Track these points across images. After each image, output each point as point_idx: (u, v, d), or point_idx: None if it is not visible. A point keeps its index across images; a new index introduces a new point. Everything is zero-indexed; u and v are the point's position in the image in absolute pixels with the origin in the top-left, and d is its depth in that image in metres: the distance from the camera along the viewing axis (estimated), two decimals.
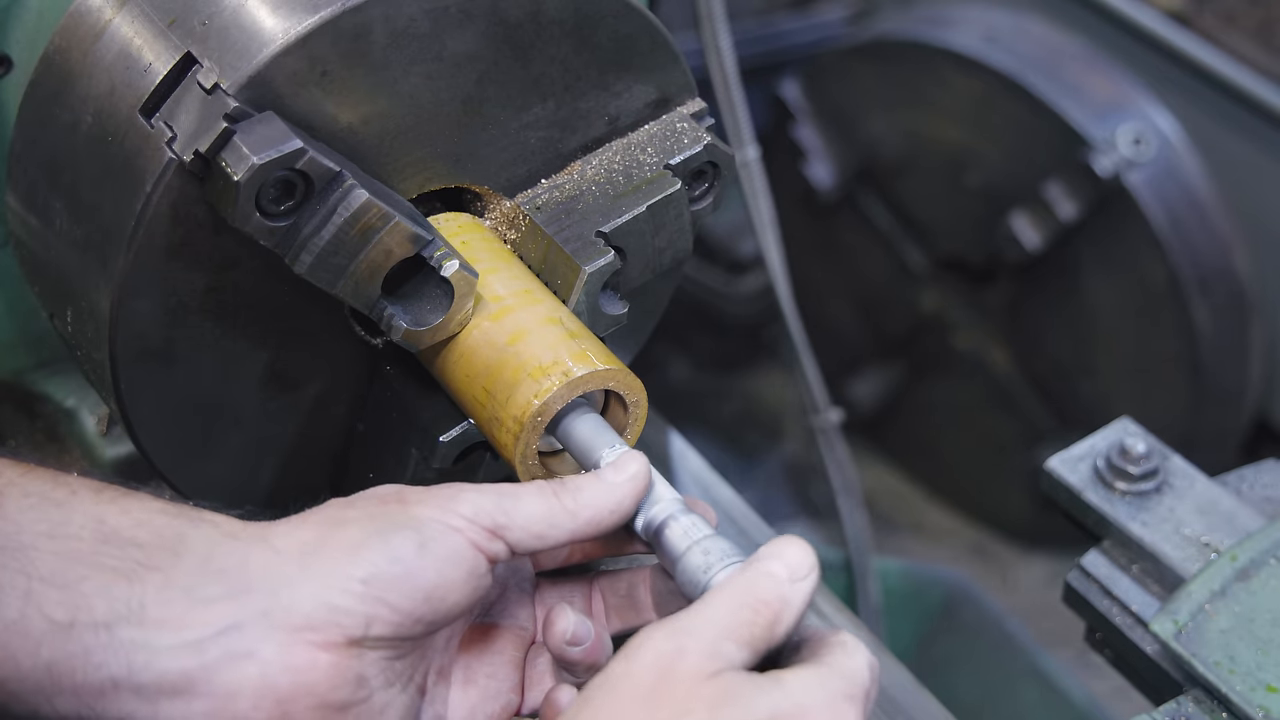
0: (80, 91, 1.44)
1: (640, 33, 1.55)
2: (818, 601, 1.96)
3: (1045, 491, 1.90)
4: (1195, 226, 3.26)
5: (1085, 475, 1.84)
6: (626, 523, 1.35)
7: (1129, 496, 1.81)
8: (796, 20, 4.06)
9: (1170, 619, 1.65)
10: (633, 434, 1.48)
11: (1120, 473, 1.82)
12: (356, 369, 1.58)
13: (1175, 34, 3.27)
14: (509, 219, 1.57)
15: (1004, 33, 3.45)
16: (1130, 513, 1.80)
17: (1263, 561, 1.69)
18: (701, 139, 1.58)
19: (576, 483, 1.33)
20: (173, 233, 1.38)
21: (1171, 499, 1.81)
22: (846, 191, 3.80)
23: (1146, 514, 1.80)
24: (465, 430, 1.50)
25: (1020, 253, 3.42)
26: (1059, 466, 1.85)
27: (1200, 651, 1.61)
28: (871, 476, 3.95)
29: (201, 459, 1.55)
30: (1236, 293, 3.32)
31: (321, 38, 1.37)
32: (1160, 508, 1.80)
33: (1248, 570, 1.68)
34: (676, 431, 2.21)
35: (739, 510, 2.10)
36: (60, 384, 2.05)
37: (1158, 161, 3.26)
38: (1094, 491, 1.82)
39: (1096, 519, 1.82)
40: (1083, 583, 1.82)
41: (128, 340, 1.43)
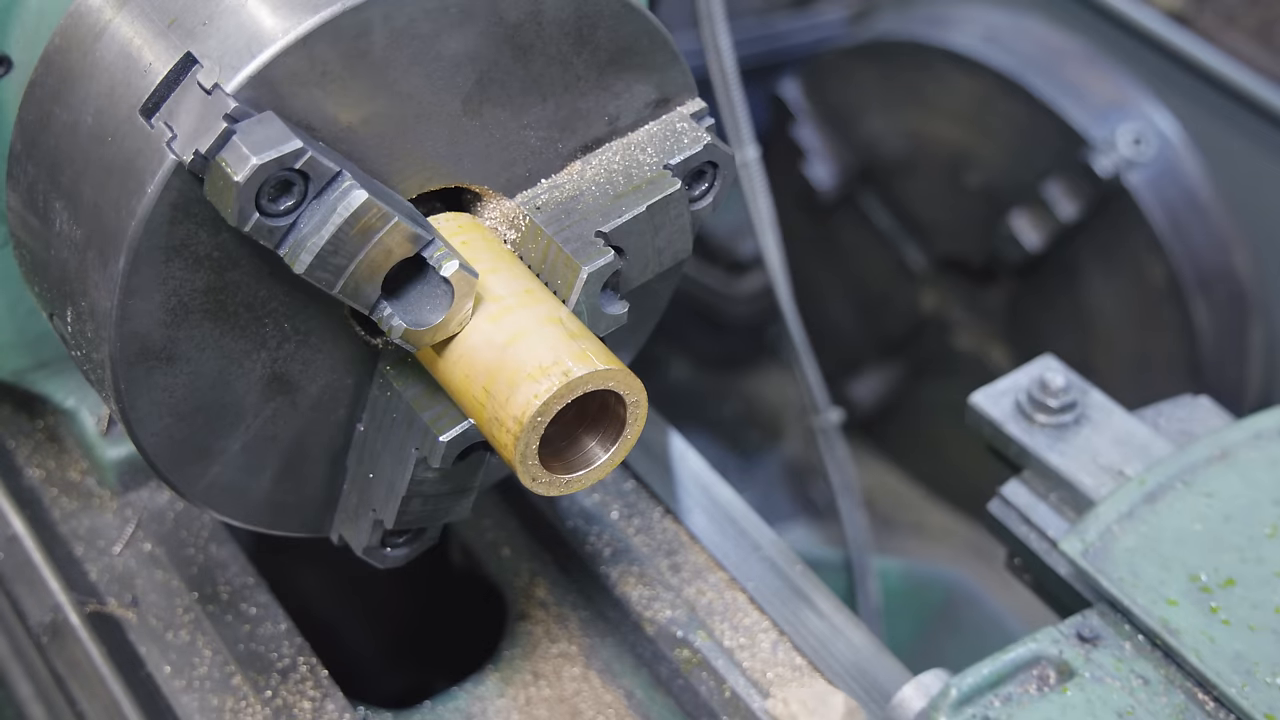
0: (80, 91, 1.44)
1: (640, 33, 1.55)
2: (818, 601, 1.96)
3: (969, 425, 1.96)
4: (1195, 226, 3.26)
5: (1007, 409, 1.91)
6: None
7: (1048, 428, 1.89)
8: (796, 20, 4.05)
9: (1079, 538, 1.72)
10: (633, 434, 1.48)
11: (1040, 406, 1.89)
12: (356, 369, 1.58)
13: (1175, 34, 3.27)
14: (509, 219, 1.57)
15: (1004, 33, 3.45)
16: (1049, 443, 1.88)
17: (1170, 486, 1.76)
18: (701, 139, 1.58)
19: None
20: (173, 233, 1.38)
21: (1089, 431, 1.89)
22: (846, 191, 3.80)
23: (1064, 444, 1.88)
24: (465, 430, 1.50)
25: (1020, 253, 3.42)
26: (982, 401, 1.93)
27: (1106, 568, 1.68)
28: (871, 476, 3.95)
29: (201, 459, 1.55)
30: (1236, 293, 3.32)
31: (322, 38, 1.37)
32: (1078, 439, 1.88)
33: (1155, 494, 1.75)
34: (676, 431, 2.21)
35: (739, 510, 2.10)
36: (60, 384, 2.06)
37: (1158, 161, 3.26)
38: (1015, 424, 1.90)
39: (1017, 450, 1.89)
40: (1003, 511, 1.89)
41: (128, 340, 1.43)
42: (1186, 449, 1.82)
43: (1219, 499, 1.76)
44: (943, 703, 1.63)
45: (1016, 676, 1.65)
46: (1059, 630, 1.68)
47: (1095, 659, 1.65)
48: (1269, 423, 1.85)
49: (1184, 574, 1.68)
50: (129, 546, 1.99)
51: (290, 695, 1.84)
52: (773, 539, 2.07)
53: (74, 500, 2.04)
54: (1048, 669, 1.66)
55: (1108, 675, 1.64)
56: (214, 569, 1.97)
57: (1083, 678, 1.63)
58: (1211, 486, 1.77)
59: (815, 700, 1.35)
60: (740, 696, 1.83)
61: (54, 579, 1.91)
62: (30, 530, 1.97)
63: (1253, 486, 1.77)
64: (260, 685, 1.84)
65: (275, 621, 1.91)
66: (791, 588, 1.98)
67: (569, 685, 1.92)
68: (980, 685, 1.64)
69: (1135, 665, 1.64)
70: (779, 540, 2.07)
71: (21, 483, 2.06)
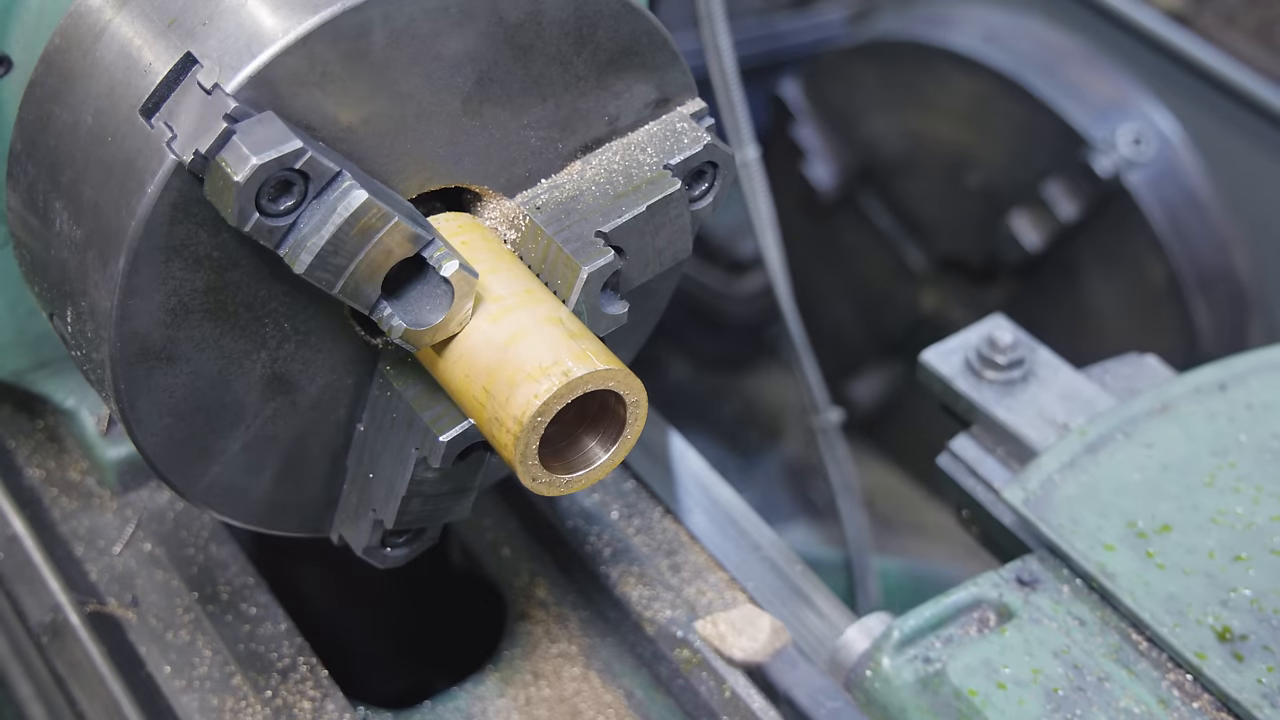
0: (80, 91, 1.44)
1: (640, 33, 1.55)
2: (818, 601, 1.96)
3: (920, 382, 2.01)
4: (1195, 226, 3.26)
5: (957, 365, 1.97)
6: None
7: (996, 384, 1.95)
8: (796, 20, 4.05)
9: (1021, 487, 1.77)
10: (633, 434, 1.48)
11: (989, 362, 1.95)
12: (356, 369, 1.58)
13: (1175, 34, 3.27)
14: (509, 219, 1.57)
15: (1003, 32, 3.45)
16: (996, 398, 1.93)
17: (1110, 437, 1.82)
18: (701, 139, 1.58)
19: None
20: (173, 233, 1.38)
21: (1036, 387, 1.95)
22: (846, 191, 3.80)
23: (1012, 400, 1.93)
24: (465, 430, 1.50)
25: (1020, 253, 3.42)
26: (933, 359, 1.99)
27: (1046, 515, 1.74)
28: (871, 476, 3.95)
29: (201, 459, 1.55)
30: (1236, 292, 3.32)
31: (322, 38, 1.37)
32: (1025, 394, 1.94)
33: (1096, 445, 1.81)
34: (676, 431, 2.21)
35: (739, 510, 2.10)
36: (60, 384, 2.06)
37: (1158, 161, 3.26)
38: (964, 380, 1.96)
39: (966, 406, 1.95)
40: (951, 465, 1.95)
41: (128, 340, 1.43)
42: (1128, 402, 1.87)
43: (1158, 449, 1.81)
44: (885, 643, 1.68)
45: (957, 619, 1.70)
46: (999, 575, 1.73)
47: (1034, 602, 1.70)
48: (1209, 377, 1.90)
49: (1122, 521, 1.73)
50: (129, 546, 1.99)
51: (290, 695, 1.84)
52: (773, 539, 2.07)
53: (74, 500, 2.04)
54: (988, 611, 1.71)
55: (1045, 617, 1.68)
56: (214, 569, 1.97)
57: (1021, 619, 1.68)
58: (1151, 438, 1.82)
59: (743, 621, 1.37)
60: (740, 696, 1.83)
61: (54, 579, 1.91)
62: (30, 530, 1.97)
63: (1191, 438, 1.82)
64: (260, 685, 1.84)
65: (275, 621, 1.91)
66: (791, 588, 1.98)
67: (569, 685, 1.92)
68: (922, 627, 1.69)
69: (1072, 608, 1.69)
70: (779, 540, 2.07)
71: (21, 483, 2.06)
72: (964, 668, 1.63)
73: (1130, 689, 1.62)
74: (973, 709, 1.59)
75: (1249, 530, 1.72)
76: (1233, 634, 1.62)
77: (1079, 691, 1.61)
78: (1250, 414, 1.85)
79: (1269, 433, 1.83)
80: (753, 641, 1.34)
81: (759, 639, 1.34)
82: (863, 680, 1.68)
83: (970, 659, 1.64)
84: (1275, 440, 1.82)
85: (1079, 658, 1.64)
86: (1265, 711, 1.56)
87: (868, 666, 1.68)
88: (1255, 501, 1.75)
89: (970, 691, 1.60)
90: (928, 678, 1.65)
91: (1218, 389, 1.88)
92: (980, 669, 1.63)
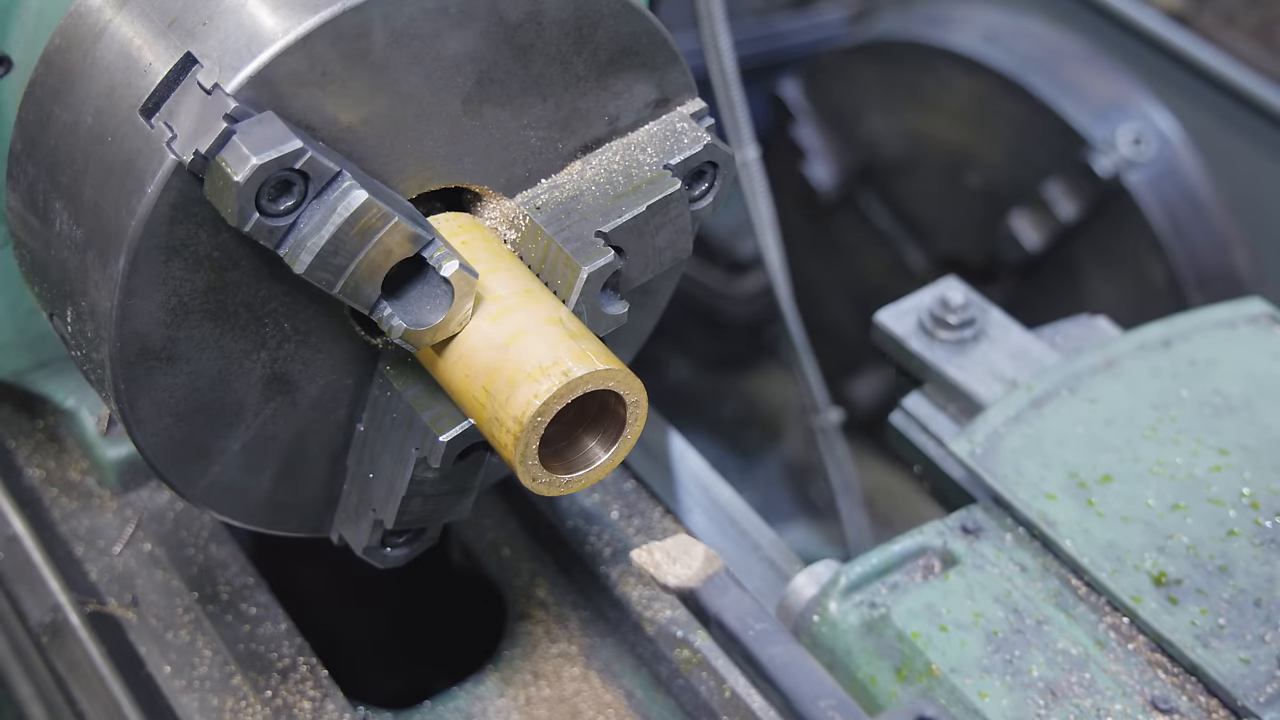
0: (80, 91, 1.44)
1: (640, 33, 1.55)
2: None
3: (875, 342, 2.06)
4: (1195, 226, 3.26)
5: (910, 325, 2.03)
6: None
7: (948, 344, 2.00)
8: (796, 20, 4.05)
9: (967, 440, 1.83)
10: (633, 434, 1.48)
11: (941, 322, 2.00)
12: (356, 369, 1.58)
13: (1175, 34, 3.27)
14: (509, 219, 1.56)
15: (1004, 32, 3.45)
16: (948, 357, 1.98)
17: (1055, 392, 1.87)
18: (701, 139, 1.58)
19: None
20: (173, 233, 1.38)
21: (987, 346, 2.00)
22: (846, 191, 3.80)
23: (963, 358, 1.98)
24: (465, 430, 1.50)
25: (1020, 253, 3.42)
26: (887, 319, 2.04)
27: (991, 466, 1.79)
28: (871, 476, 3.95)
29: (201, 459, 1.55)
30: (1236, 292, 3.31)
31: (322, 38, 1.37)
32: (976, 353, 1.99)
33: (1041, 400, 1.86)
34: (676, 431, 2.21)
35: (739, 510, 2.10)
36: (60, 384, 2.06)
37: (1158, 161, 3.26)
38: (917, 339, 2.01)
39: (919, 365, 2.00)
40: (904, 422, 2.00)
41: (128, 340, 1.43)
42: (1073, 358, 1.92)
43: (1102, 404, 1.86)
44: (833, 589, 1.72)
45: (903, 566, 1.75)
46: (944, 524, 1.78)
47: (977, 549, 1.74)
48: (1153, 334, 1.95)
49: (1064, 472, 1.78)
50: (129, 546, 1.99)
51: (290, 695, 1.84)
52: (773, 539, 2.07)
53: (74, 500, 2.04)
54: (933, 559, 1.76)
55: (988, 564, 1.73)
56: (214, 569, 1.97)
57: (964, 566, 1.72)
58: (1095, 393, 1.87)
59: (677, 549, 1.40)
60: (740, 696, 1.83)
61: (54, 579, 1.91)
62: (30, 530, 1.97)
63: (1134, 393, 1.87)
64: (260, 685, 1.84)
65: (275, 621, 1.91)
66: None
67: (569, 685, 1.92)
68: (869, 574, 1.74)
69: (1014, 554, 1.74)
70: (779, 540, 2.07)
71: (21, 483, 2.06)
72: (907, 611, 1.68)
73: (1068, 631, 1.66)
74: (915, 650, 1.64)
75: (1188, 481, 1.77)
76: (1168, 578, 1.67)
77: (1018, 634, 1.65)
78: (1192, 370, 1.90)
79: (1210, 388, 1.87)
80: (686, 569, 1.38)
81: (693, 566, 1.38)
82: (810, 625, 1.73)
83: (914, 603, 1.69)
84: (1216, 395, 1.86)
85: (1019, 602, 1.68)
86: (1198, 652, 1.61)
87: (815, 611, 1.73)
88: (1194, 453, 1.80)
89: (913, 634, 1.65)
90: (873, 621, 1.70)
91: (1161, 346, 1.93)
92: (923, 612, 1.68)
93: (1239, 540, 1.70)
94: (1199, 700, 1.60)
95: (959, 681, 1.61)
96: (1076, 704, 1.59)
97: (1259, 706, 1.55)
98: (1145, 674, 1.62)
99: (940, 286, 2.03)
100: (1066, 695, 1.60)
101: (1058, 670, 1.62)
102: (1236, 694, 1.57)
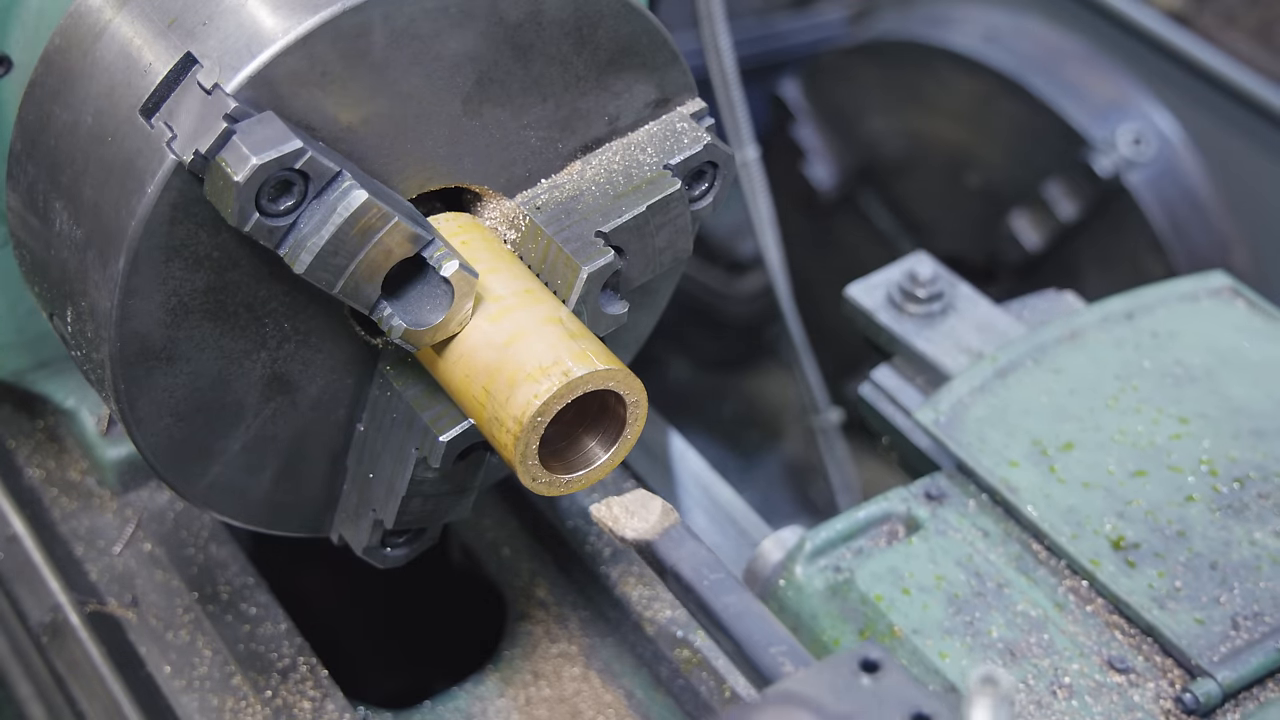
0: (80, 91, 1.44)
1: (640, 33, 1.55)
2: None
3: (845, 316, 2.10)
4: (1195, 226, 3.26)
5: (879, 299, 2.07)
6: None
7: (917, 317, 2.04)
8: (796, 20, 4.05)
9: (932, 409, 1.86)
10: (633, 434, 1.48)
11: (910, 296, 2.04)
12: (356, 369, 1.58)
13: (1175, 34, 3.27)
14: (509, 219, 1.56)
15: (1004, 32, 3.45)
16: (916, 330, 2.02)
17: (1020, 363, 1.90)
18: (701, 139, 1.58)
19: None
20: (173, 233, 1.38)
21: (955, 319, 2.04)
22: (846, 191, 3.80)
23: (931, 331, 2.02)
24: (465, 430, 1.50)
25: (1020, 253, 3.42)
26: (857, 293, 2.08)
27: (955, 434, 1.82)
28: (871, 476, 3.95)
29: (201, 459, 1.55)
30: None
31: (322, 38, 1.37)
32: (944, 326, 2.03)
33: (1006, 370, 1.89)
34: (676, 431, 2.21)
35: (739, 510, 2.10)
36: (60, 384, 2.06)
37: (1158, 161, 3.26)
38: (886, 313, 2.05)
39: (888, 338, 2.04)
40: (873, 394, 2.04)
41: (128, 340, 1.43)
42: (1038, 330, 1.95)
43: (1065, 374, 1.89)
44: (799, 554, 1.76)
45: (868, 531, 1.79)
46: (909, 490, 1.81)
47: (940, 515, 1.78)
48: (1117, 307, 1.98)
49: (1027, 440, 1.81)
50: (129, 546, 1.99)
51: (290, 695, 1.84)
52: None
53: (74, 500, 2.04)
54: (896, 525, 1.79)
55: (951, 529, 1.76)
56: (214, 569, 1.97)
57: (928, 531, 1.76)
58: (1059, 363, 1.90)
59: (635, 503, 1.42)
60: (740, 697, 1.83)
61: (54, 579, 1.91)
62: (30, 530, 1.97)
63: (1097, 363, 1.90)
64: (260, 685, 1.84)
65: (275, 621, 1.91)
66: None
67: (569, 685, 1.92)
68: (834, 539, 1.77)
69: (977, 520, 1.77)
70: None
71: (21, 483, 2.06)
72: (871, 575, 1.71)
73: (1028, 594, 1.69)
74: (878, 613, 1.67)
75: (1148, 448, 1.80)
76: (1127, 542, 1.71)
77: (979, 596, 1.68)
78: (1155, 341, 1.93)
79: (1171, 359, 1.91)
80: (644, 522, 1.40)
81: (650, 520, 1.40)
82: (776, 589, 1.77)
83: (877, 567, 1.72)
84: (1177, 366, 1.90)
85: (981, 566, 1.71)
86: (1154, 613, 1.63)
87: (781, 575, 1.76)
88: (1155, 422, 1.83)
89: (876, 597, 1.69)
90: (837, 585, 1.73)
91: (1125, 318, 1.96)
92: (886, 576, 1.71)
93: (1197, 506, 1.74)
94: (1155, 660, 1.63)
95: (920, 643, 1.64)
96: (1035, 664, 1.62)
97: (1213, 665, 1.58)
98: (1103, 635, 1.65)
99: (909, 261, 2.07)
100: (1025, 656, 1.63)
101: (1017, 631, 1.65)
102: (1191, 654, 1.60)
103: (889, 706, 1.16)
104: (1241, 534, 1.70)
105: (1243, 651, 1.59)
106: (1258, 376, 1.88)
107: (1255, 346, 1.92)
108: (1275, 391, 1.86)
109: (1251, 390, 1.86)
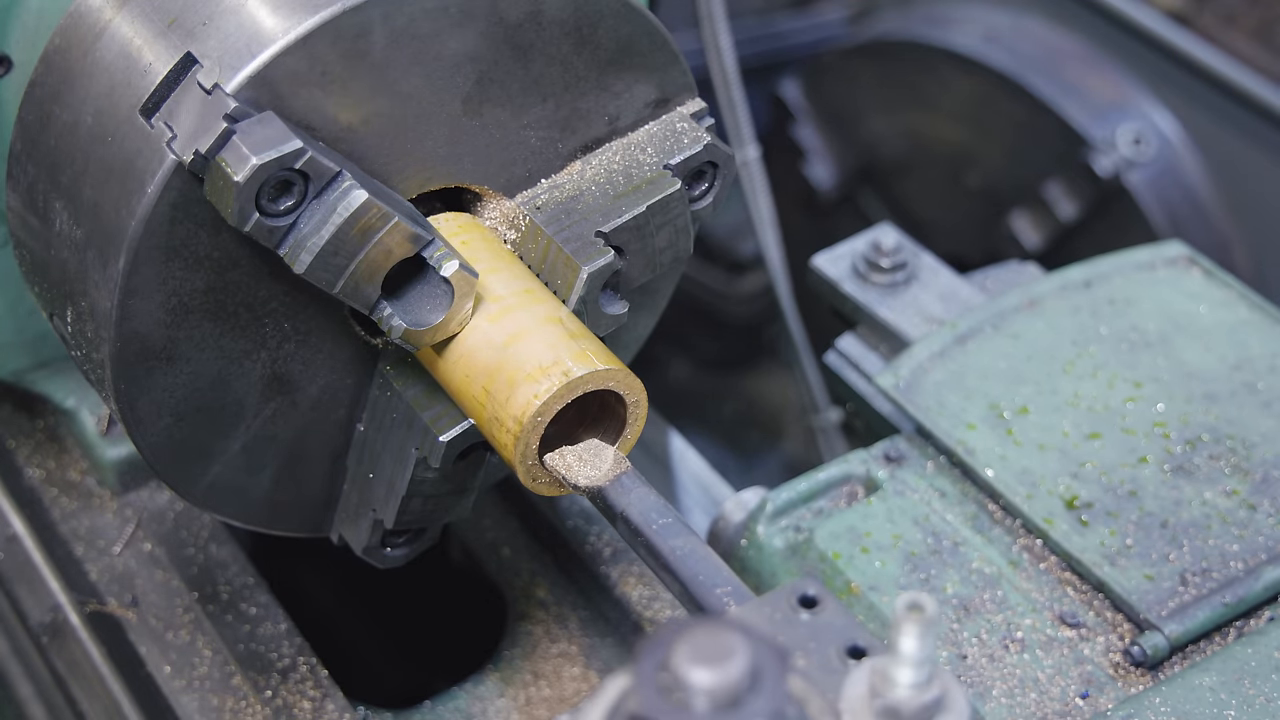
0: (80, 91, 1.44)
1: (640, 33, 1.55)
2: None
3: (811, 287, 2.14)
4: (1195, 226, 3.26)
5: (844, 269, 2.10)
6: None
7: (881, 287, 2.07)
8: (796, 20, 4.05)
9: (893, 374, 1.90)
10: (633, 434, 1.48)
11: (874, 266, 2.08)
12: (356, 369, 1.58)
13: (1175, 34, 3.27)
14: (509, 219, 1.57)
15: (1004, 32, 3.45)
16: (880, 299, 2.06)
17: (979, 329, 1.94)
18: (701, 139, 1.58)
19: None
20: (173, 233, 1.38)
21: (918, 289, 2.08)
22: (846, 191, 3.80)
23: (894, 300, 2.06)
24: (465, 430, 1.50)
25: (1020, 253, 3.42)
26: (823, 263, 2.12)
27: (914, 398, 1.86)
28: None
29: (201, 459, 1.55)
30: None
31: (322, 38, 1.37)
32: (907, 295, 2.06)
33: (965, 336, 1.93)
34: (676, 431, 2.21)
35: None
36: (60, 384, 2.06)
37: (1158, 161, 3.25)
38: (851, 283, 2.08)
39: (852, 307, 2.07)
40: (838, 362, 2.08)
41: (128, 340, 1.43)
42: (998, 298, 1.99)
43: (1023, 340, 1.93)
44: (760, 514, 1.79)
45: (828, 492, 1.83)
46: (868, 453, 1.84)
47: (899, 476, 1.81)
48: (1075, 275, 2.02)
49: (985, 403, 1.85)
50: (129, 546, 1.99)
51: (290, 695, 1.84)
52: None
53: (74, 500, 2.04)
54: (856, 486, 1.83)
55: (909, 489, 1.80)
56: (214, 569, 1.97)
57: (886, 491, 1.79)
58: (1018, 330, 1.94)
59: (589, 452, 1.45)
60: None
61: (54, 579, 1.91)
62: (30, 530, 1.97)
63: (1055, 330, 1.94)
64: (260, 685, 1.84)
65: (275, 621, 1.91)
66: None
67: (569, 685, 1.92)
68: (794, 500, 1.81)
69: (935, 481, 1.80)
70: None
71: (21, 483, 2.06)
72: (829, 534, 1.74)
73: (983, 552, 1.72)
74: (836, 570, 1.71)
75: (1103, 411, 1.84)
76: (1080, 502, 1.74)
77: (935, 554, 1.72)
78: (1112, 308, 1.97)
79: (1128, 325, 1.95)
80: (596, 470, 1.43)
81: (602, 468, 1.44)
82: (738, 549, 1.80)
83: (836, 526, 1.75)
84: (1133, 332, 1.94)
85: (937, 525, 1.75)
86: (1105, 570, 1.67)
87: (743, 535, 1.80)
88: (1110, 386, 1.87)
89: (834, 555, 1.72)
90: (797, 544, 1.76)
91: (1082, 286, 2.01)
92: (845, 535, 1.74)
93: (1149, 467, 1.77)
94: (1105, 615, 1.66)
95: (877, 599, 1.67)
96: (988, 619, 1.65)
97: (1161, 620, 1.61)
98: (1055, 591, 1.68)
99: (874, 232, 2.10)
100: (979, 611, 1.66)
101: (971, 588, 1.68)
102: (1140, 609, 1.63)
103: (825, 639, 1.18)
104: (1192, 493, 1.74)
105: (1190, 606, 1.63)
106: (1211, 342, 1.92)
107: (1210, 313, 1.96)
108: (1228, 356, 1.90)
109: (1204, 355, 1.90)
